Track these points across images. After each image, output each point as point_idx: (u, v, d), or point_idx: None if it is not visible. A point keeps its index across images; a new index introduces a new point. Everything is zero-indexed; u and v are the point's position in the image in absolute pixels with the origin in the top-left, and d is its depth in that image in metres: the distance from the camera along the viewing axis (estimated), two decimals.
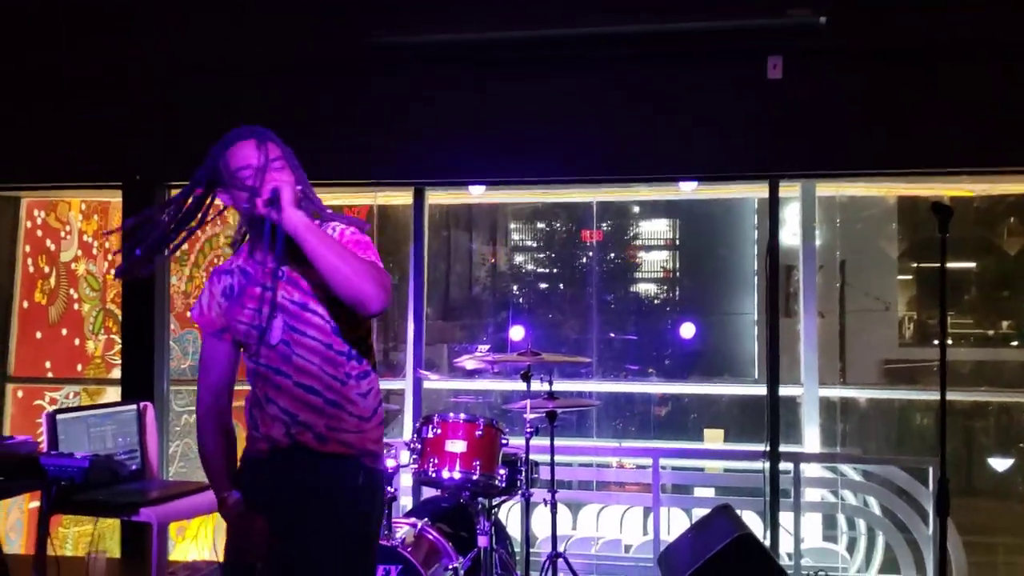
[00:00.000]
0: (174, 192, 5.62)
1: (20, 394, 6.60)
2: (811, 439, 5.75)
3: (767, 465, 5.13)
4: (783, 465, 5.17)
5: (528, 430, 4.54)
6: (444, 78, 5.28)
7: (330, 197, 6.15)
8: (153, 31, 5.47)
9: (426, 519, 4.28)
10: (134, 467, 4.68)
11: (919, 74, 4.95)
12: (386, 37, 5.10)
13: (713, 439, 7.53)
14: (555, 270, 11.38)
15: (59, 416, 4.38)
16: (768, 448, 5.12)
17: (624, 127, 5.18)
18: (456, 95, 5.29)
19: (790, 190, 5.66)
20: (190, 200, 2.59)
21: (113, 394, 6.26)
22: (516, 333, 7.83)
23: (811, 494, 5.68)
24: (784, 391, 5.39)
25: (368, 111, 5.31)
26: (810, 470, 5.50)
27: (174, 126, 5.48)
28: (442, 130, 5.30)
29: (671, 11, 4.95)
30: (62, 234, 6.96)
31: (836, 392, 6.53)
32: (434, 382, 6.06)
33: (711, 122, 5.12)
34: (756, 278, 8.84)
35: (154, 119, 5.52)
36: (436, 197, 6.14)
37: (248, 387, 2.65)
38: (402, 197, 5.70)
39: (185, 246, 7.15)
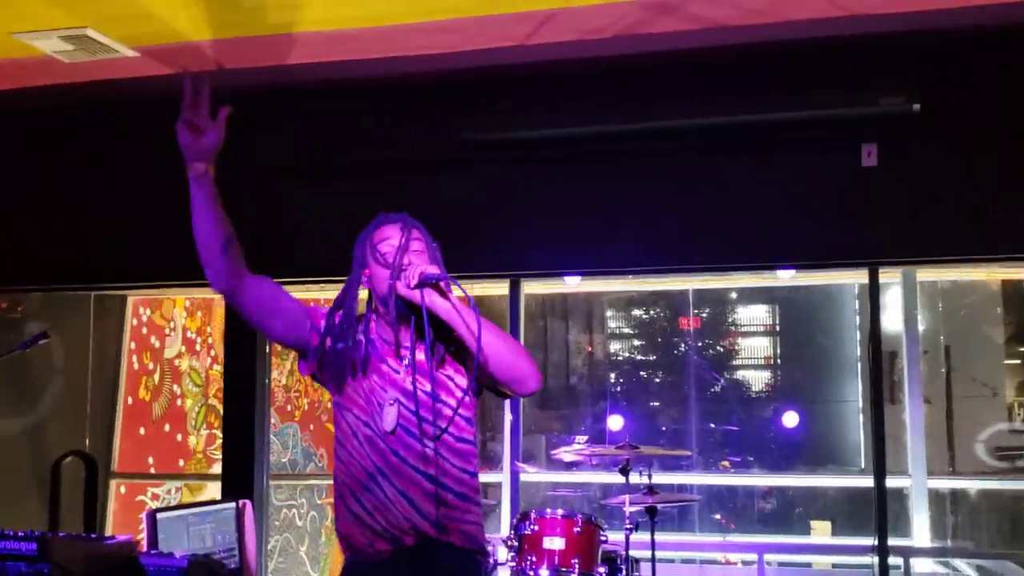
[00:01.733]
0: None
1: (123, 490, 6.65)
2: (921, 532, 5.54)
3: (876, 560, 4.96)
4: (892, 560, 4.99)
5: (628, 526, 4.46)
6: (538, 170, 5.33)
7: None
8: (253, 134, 5.65)
9: None
10: (232, 566, 4.71)
11: (1014, 158, 4.84)
12: (478, 134, 5.20)
13: (820, 532, 7.28)
14: (653, 357, 11.28)
15: (159, 515, 4.39)
16: (876, 542, 4.95)
17: (720, 215, 5.14)
18: (551, 186, 5.33)
19: (890, 275, 5.56)
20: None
21: (214, 489, 6.29)
22: (614, 423, 7.75)
23: None
24: (892, 482, 5.22)
25: (464, 204, 5.37)
26: (920, 565, 5.30)
27: (275, 225, 5.59)
28: (538, 220, 5.32)
29: (765, 102, 4.95)
30: (166, 331, 7.07)
31: (945, 483, 6.29)
32: (532, 475, 6.02)
33: (807, 210, 5.05)
34: (859, 364, 8.64)
35: (255, 217, 5.60)
36: (532, 287, 6.17)
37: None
38: (498, 288, 5.76)
39: None
